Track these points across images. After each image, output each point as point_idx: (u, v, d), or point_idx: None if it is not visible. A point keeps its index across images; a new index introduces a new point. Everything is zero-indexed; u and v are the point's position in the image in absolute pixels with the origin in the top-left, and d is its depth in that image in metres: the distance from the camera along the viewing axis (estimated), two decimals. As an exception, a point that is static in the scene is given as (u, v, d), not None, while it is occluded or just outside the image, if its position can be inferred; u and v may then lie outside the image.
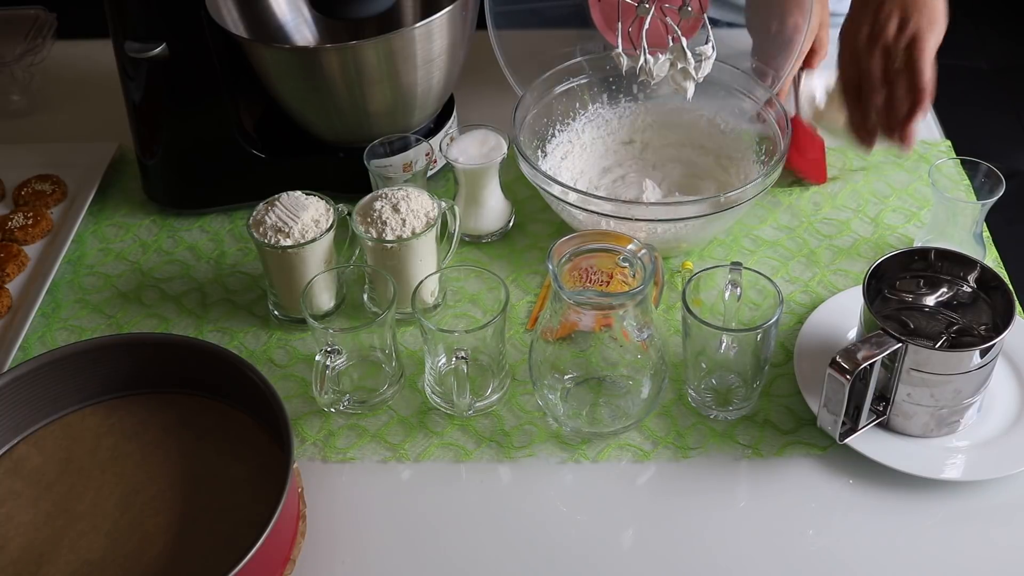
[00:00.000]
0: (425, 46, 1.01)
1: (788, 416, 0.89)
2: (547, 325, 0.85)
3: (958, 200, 0.97)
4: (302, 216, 0.93)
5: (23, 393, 0.85)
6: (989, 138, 2.36)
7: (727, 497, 0.84)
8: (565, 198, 0.97)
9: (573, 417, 0.88)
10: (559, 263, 0.82)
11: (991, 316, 0.85)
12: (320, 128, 1.10)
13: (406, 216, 0.93)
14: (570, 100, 1.11)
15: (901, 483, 0.84)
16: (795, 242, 1.05)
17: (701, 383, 0.89)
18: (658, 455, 0.87)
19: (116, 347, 0.88)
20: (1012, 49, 2.62)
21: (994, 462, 0.83)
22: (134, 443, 0.86)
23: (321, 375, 0.86)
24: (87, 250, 1.09)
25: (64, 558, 0.79)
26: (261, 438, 0.85)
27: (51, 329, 1.00)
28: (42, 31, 1.30)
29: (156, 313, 1.02)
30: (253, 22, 1.12)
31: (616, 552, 0.81)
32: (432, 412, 0.91)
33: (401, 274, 0.94)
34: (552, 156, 1.10)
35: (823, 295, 0.99)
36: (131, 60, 1.01)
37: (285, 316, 0.99)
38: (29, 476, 0.84)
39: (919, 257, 0.88)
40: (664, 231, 0.98)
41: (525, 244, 1.07)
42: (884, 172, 1.13)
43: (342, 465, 0.88)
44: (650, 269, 0.81)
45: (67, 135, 1.25)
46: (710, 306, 0.91)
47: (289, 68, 1.03)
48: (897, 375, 0.82)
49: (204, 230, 1.11)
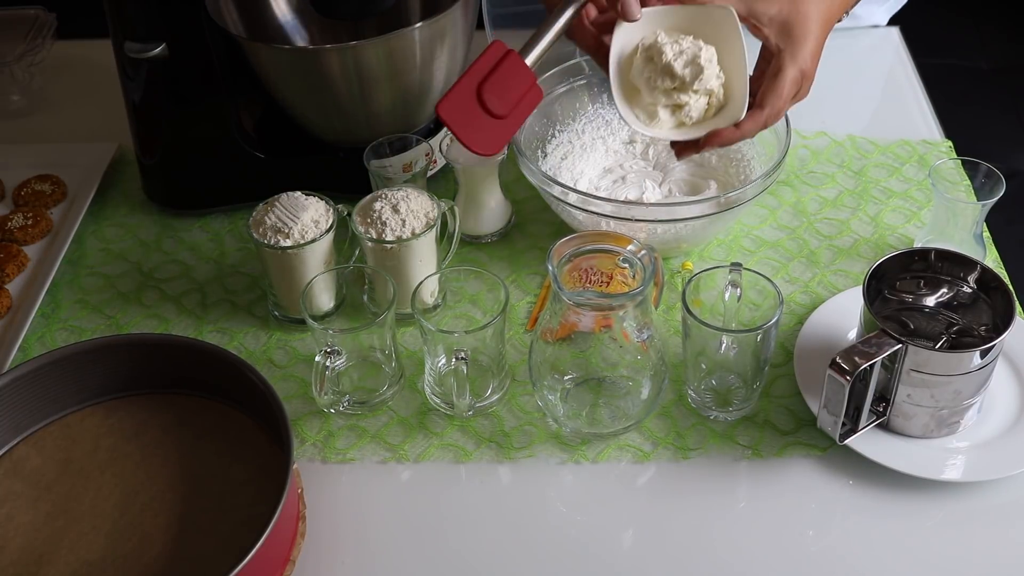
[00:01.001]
0: (425, 46, 1.01)
1: (788, 417, 0.89)
2: (547, 326, 0.85)
3: (958, 200, 0.97)
4: (302, 216, 0.93)
5: (23, 393, 0.85)
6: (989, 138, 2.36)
7: (727, 498, 0.84)
8: (565, 199, 0.97)
9: (573, 418, 0.88)
10: (559, 264, 0.82)
11: (991, 317, 0.85)
12: (320, 128, 1.09)
13: (406, 217, 0.93)
14: (570, 100, 1.11)
15: (901, 484, 0.83)
16: (795, 242, 1.05)
17: (701, 384, 0.89)
18: (658, 456, 0.87)
19: (116, 347, 0.88)
20: (1012, 49, 2.62)
21: (994, 463, 0.83)
22: (134, 444, 0.86)
23: (321, 376, 0.86)
24: (87, 250, 1.09)
25: (64, 559, 0.79)
26: (261, 439, 0.85)
27: (51, 329, 1.00)
28: (42, 31, 1.30)
29: (156, 313, 1.02)
30: (253, 22, 1.12)
31: (616, 552, 0.81)
32: (432, 413, 0.91)
33: (401, 274, 0.94)
34: (552, 156, 1.10)
35: (823, 295, 0.99)
36: (131, 60, 1.01)
37: (285, 316, 0.99)
38: (29, 477, 0.84)
39: (919, 258, 0.88)
40: (664, 232, 0.98)
41: (525, 244, 1.07)
42: (884, 173, 1.13)
43: (342, 466, 0.88)
44: (650, 270, 0.81)
45: (67, 135, 1.25)
46: (710, 307, 0.91)
47: (289, 68, 1.03)
48: (897, 376, 0.82)
49: (204, 230, 1.11)
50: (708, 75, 0.88)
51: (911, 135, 1.18)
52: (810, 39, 0.88)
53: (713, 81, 0.88)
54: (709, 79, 0.88)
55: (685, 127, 0.90)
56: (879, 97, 1.27)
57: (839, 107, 1.18)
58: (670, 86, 0.88)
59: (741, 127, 0.88)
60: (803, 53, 0.87)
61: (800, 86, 0.89)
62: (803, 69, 0.88)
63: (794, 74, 0.87)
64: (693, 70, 0.87)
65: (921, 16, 0.94)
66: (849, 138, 1.17)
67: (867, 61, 1.31)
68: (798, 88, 0.88)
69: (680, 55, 0.88)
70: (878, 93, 1.27)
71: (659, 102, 0.89)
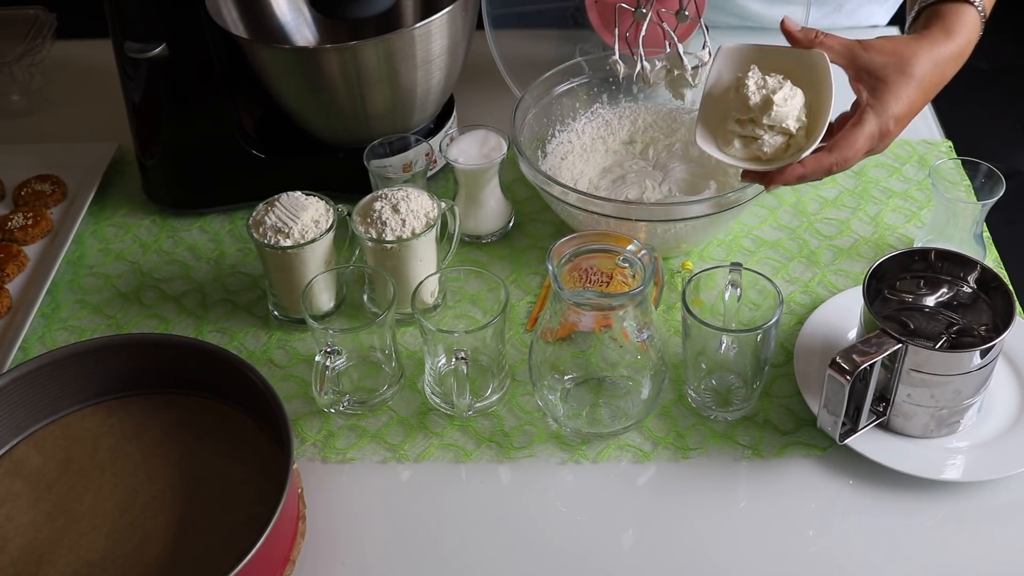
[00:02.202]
0: (425, 46, 1.01)
1: (788, 417, 0.89)
2: (547, 326, 0.85)
3: (958, 200, 0.97)
4: (302, 216, 0.93)
5: (23, 393, 0.85)
6: (989, 138, 2.36)
7: (727, 497, 0.84)
8: (565, 199, 0.97)
9: (573, 418, 0.88)
10: (559, 264, 0.82)
11: (991, 316, 0.85)
12: (320, 128, 1.10)
13: (406, 216, 0.93)
14: (570, 100, 1.11)
15: (901, 484, 0.84)
16: (795, 242, 1.05)
17: (701, 383, 0.89)
18: (658, 456, 0.87)
19: (116, 347, 0.88)
20: (1012, 49, 2.62)
21: (994, 462, 0.83)
22: (134, 444, 0.86)
23: (321, 376, 0.86)
24: (87, 250, 1.09)
25: (64, 559, 0.79)
26: (261, 439, 0.85)
27: (51, 329, 1.00)
28: (42, 31, 1.30)
29: (156, 313, 1.02)
30: (253, 22, 1.12)
31: (616, 552, 0.81)
32: (432, 413, 0.91)
33: (401, 274, 0.94)
34: (552, 156, 1.10)
35: (823, 295, 0.99)
36: (131, 60, 1.01)
37: (285, 316, 0.99)
38: (29, 477, 0.84)
39: (919, 257, 0.88)
40: (664, 231, 0.98)
41: (525, 244, 1.07)
42: (883, 173, 1.13)
43: (342, 466, 0.88)
44: (650, 270, 0.81)
45: (67, 135, 1.25)
46: (710, 306, 0.91)
47: (289, 68, 1.03)
48: (897, 376, 0.82)
49: (204, 230, 1.11)
50: (781, 113, 0.87)
51: (911, 135, 1.17)
52: (902, 99, 0.85)
53: (790, 120, 0.88)
54: (783, 117, 0.87)
55: (758, 161, 0.90)
56: (879, 97, 1.27)
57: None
58: (744, 117, 0.89)
59: (804, 164, 0.86)
60: (890, 111, 0.85)
61: (877, 142, 0.87)
62: (884, 127, 0.86)
63: (872, 129, 0.85)
64: (764, 105, 0.87)
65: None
66: (849, 138, 1.17)
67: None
68: (873, 143, 0.86)
69: (760, 90, 0.88)
70: (878, 93, 1.27)
71: (734, 131, 0.90)
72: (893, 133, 0.87)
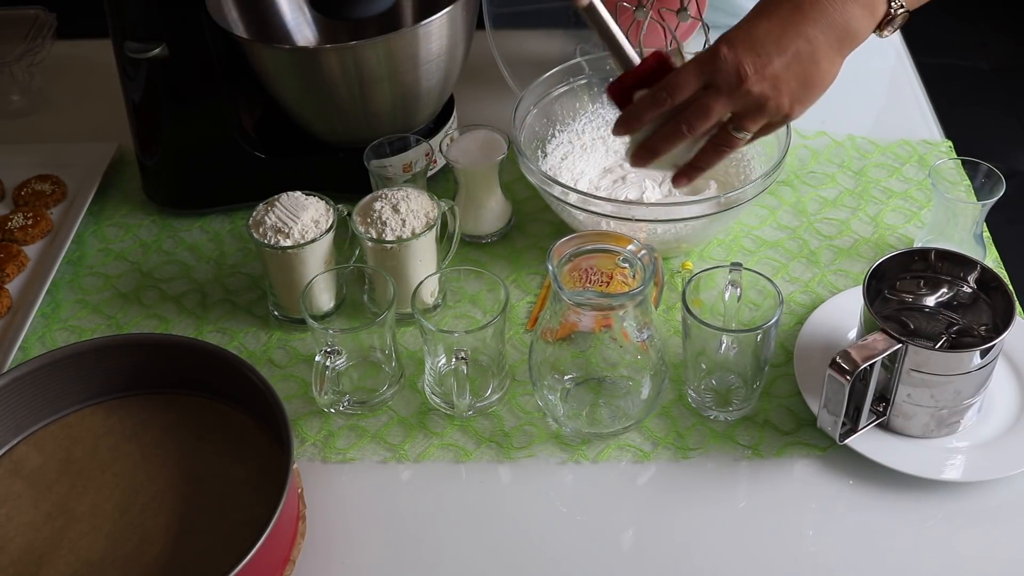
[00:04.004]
0: (425, 46, 1.01)
1: (788, 417, 0.89)
2: (547, 326, 0.85)
3: (958, 200, 0.97)
4: (302, 216, 0.93)
5: (23, 393, 0.85)
6: (989, 138, 2.36)
7: (727, 497, 0.84)
8: (565, 199, 0.97)
9: (573, 418, 0.88)
10: (559, 264, 0.82)
11: (991, 316, 0.85)
12: (320, 128, 1.10)
13: (406, 216, 0.93)
14: (570, 100, 1.11)
15: (901, 484, 0.84)
16: (795, 242, 1.05)
17: (701, 383, 0.89)
18: (658, 456, 0.87)
19: (116, 347, 0.88)
20: (1012, 49, 2.62)
21: (994, 463, 0.83)
22: (134, 443, 0.86)
23: (321, 376, 0.86)
24: (87, 250, 1.09)
25: (64, 559, 0.79)
26: (261, 439, 0.85)
27: (51, 329, 1.00)
28: (42, 31, 1.30)
29: (156, 313, 1.02)
30: (253, 22, 1.12)
31: (616, 552, 0.81)
32: (432, 413, 0.91)
33: (401, 274, 0.94)
34: (552, 156, 1.10)
35: (823, 295, 0.99)
36: (131, 60, 1.01)
37: (285, 316, 0.99)
38: (29, 477, 0.84)
39: (919, 257, 0.88)
40: (664, 231, 0.98)
41: (525, 244, 1.07)
42: (883, 174, 1.13)
43: (342, 466, 0.88)
44: (650, 270, 0.81)
45: (67, 135, 1.25)
46: (710, 307, 0.91)
47: (289, 68, 1.03)
48: (897, 376, 0.82)
49: (204, 230, 1.11)
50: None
51: (911, 135, 1.18)
52: (740, 27, 0.82)
53: None
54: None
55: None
56: (879, 97, 1.27)
57: (839, 107, 1.18)
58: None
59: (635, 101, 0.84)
60: (729, 33, 0.82)
61: (706, 64, 0.82)
62: (713, 48, 0.81)
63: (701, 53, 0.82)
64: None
65: (921, 16, 0.93)
66: (849, 138, 1.17)
67: (867, 61, 1.31)
68: (702, 66, 0.81)
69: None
70: (878, 93, 1.27)
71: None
72: (726, 57, 0.81)
